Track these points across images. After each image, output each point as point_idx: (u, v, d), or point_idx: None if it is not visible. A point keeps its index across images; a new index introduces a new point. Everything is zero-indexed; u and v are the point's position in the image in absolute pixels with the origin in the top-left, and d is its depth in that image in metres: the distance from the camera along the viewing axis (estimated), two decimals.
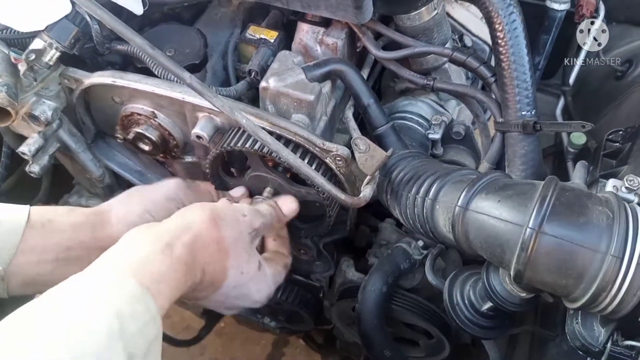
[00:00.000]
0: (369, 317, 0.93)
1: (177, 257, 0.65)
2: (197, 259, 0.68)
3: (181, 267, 0.65)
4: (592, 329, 0.67)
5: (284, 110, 0.87)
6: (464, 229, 0.68)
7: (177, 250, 0.65)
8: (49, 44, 0.83)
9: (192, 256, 0.67)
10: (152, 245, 0.65)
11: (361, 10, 0.79)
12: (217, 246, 0.72)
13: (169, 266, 0.63)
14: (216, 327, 1.92)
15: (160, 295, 0.61)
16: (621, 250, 0.57)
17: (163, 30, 0.95)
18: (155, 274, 0.62)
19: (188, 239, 0.68)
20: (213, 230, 0.72)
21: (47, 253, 0.72)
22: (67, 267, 0.73)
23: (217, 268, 0.73)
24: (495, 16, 0.77)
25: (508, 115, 0.80)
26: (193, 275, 0.68)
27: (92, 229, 0.76)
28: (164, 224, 0.70)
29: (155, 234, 0.67)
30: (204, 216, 0.72)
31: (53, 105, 0.90)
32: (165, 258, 0.64)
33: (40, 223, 0.72)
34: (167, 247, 0.65)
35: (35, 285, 0.72)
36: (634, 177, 0.66)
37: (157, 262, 0.63)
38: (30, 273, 0.71)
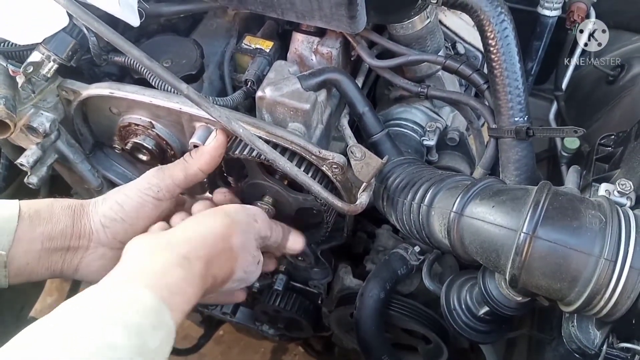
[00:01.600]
0: (366, 324, 0.93)
1: (193, 271, 0.65)
2: (209, 270, 0.69)
3: (196, 279, 0.66)
4: (588, 331, 0.68)
5: (281, 119, 0.88)
6: (459, 235, 0.69)
7: (194, 264, 0.66)
8: (46, 57, 0.84)
9: (206, 268, 0.68)
10: (168, 257, 0.65)
11: (355, 20, 0.80)
12: (228, 254, 0.73)
13: (186, 280, 0.64)
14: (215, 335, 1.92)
15: (176, 309, 0.61)
16: (614, 253, 0.58)
17: (159, 41, 0.96)
18: (173, 286, 0.62)
19: (205, 252, 0.69)
20: (227, 240, 0.73)
21: (34, 243, 0.72)
22: (50, 256, 0.74)
23: (226, 273, 0.74)
24: (486, 24, 0.78)
25: (501, 121, 0.81)
26: (204, 285, 0.69)
27: (72, 219, 0.77)
28: (176, 233, 0.71)
29: (169, 245, 0.68)
30: (221, 225, 0.73)
31: (51, 117, 0.90)
32: (183, 271, 0.64)
33: (27, 214, 0.73)
34: (184, 260, 0.65)
35: (22, 274, 0.73)
36: (626, 181, 0.67)
37: (175, 276, 0.63)
38: (21, 262, 0.72)
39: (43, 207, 0.75)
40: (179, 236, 0.71)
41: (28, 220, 0.72)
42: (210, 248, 0.70)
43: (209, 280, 0.70)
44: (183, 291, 0.63)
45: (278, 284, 1.28)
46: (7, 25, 0.82)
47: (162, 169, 0.83)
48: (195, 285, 0.66)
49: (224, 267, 0.73)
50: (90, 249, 0.77)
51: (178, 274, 0.64)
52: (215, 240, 0.71)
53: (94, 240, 0.77)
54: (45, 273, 0.75)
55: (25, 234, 0.72)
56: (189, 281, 0.64)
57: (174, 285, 0.62)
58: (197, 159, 0.83)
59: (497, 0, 0.78)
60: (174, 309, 0.60)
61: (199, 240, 0.70)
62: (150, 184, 0.80)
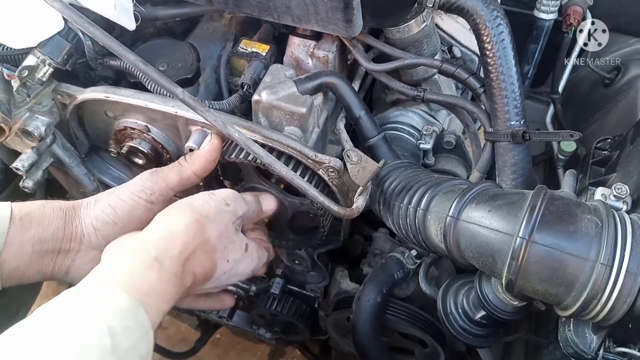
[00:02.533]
0: (363, 328, 0.93)
1: (167, 271, 0.65)
2: (186, 267, 0.69)
3: (172, 278, 0.66)
4: (585, 336, 0.68)
5: (277, 123, 0.88)
6: (456, 239, 0.69)
7: (166, 264, 0.66)
8: (42, 60, 0.84)
9: (181, 266, 0.68)
10: (140, 259, 0.65)
11: (351, 24, 0.80)
12: (204, 247, 0.72)
13: (159, 280, 0.64)
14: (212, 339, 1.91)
15: (152, 309, 0.61)
16: (610, 258, 0.58)
17: (155, 45, 0.96)
18: (146, 287, 0.62)
19: (176, 251, 0.68)
20: (199, 235, 0.72)
21: (25, 246, 0.72)
22: (42, 259, 0.74)
23: (207, 267, 0.73)
24: (482, 28, 0.78)
25: (497, 125, 0.81)
26: (184, 283, 0.68)
27: (64, 222, 0.76)
28: (148, 233, 0.71)
29: (141, 246, 0.68)
30: (188, 221, 0.72)
31: (46, 121, 0.90)
32: (156, 274, 0.64)
33: (19, 217, 0.72)
34: (155, 261, 0.65)
35: (14, 278, 0.72)
36: (622, 186, 0.67)
37: (147, 277, 0.63)
38: (11, 266, 0.71)
39: (34, 210, 0.75)
40: (150, 236, 0.70)
41: (19, 224, 0.72)
42: (183, 245, 0.69)
43: (188, 278, 0.69)
44: (158, 292, 0.63)
45: (275, 288, 1.28)
46: (2, 29, 0.82)
47: (156, 171, 0.82)
48: (171, 284, 0.65)
49: (203, 261, 0.72)
50: (81, 252, 0.77)
51: (152, 276, 0.64)
52: (186, 237, 0.70)
53: (85, 243, 0.76)
54: (37, 276, 0.74)
55: (16, 238, 0.71)
56: (163, 282, 0.64)
57: (148, 286, 0.62)
58: (191, 163, 0.83)
59: (493, 4, 0.78)
60: (150, 309, 0.60)
61: (166, 239, 0.69)
62: (144, 186, 0.79)
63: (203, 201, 0.76)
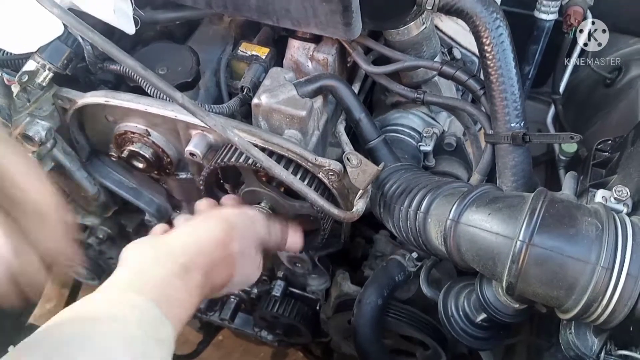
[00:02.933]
0: (364, 330, 0.93)
1: (193, 282, 0.66)
2: (209, 279, 0.69)
3: (197, 292, 0.66)
4: (586, 338, 0.68)
5: (277, 126, 0.88)
6: (456, 242, 0.69)
7: (193, 274, 0.66)
8: (41, 65, 0.84)
9: (205, 278, 0.68)
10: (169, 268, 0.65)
11: (350, 27, 0.80)
12: (227, 260, 0.73)
13: (186, 292, 0.64)
14: (214, 341, 1.91)
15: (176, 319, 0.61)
16: (611, 261, 0.58)
17: (155, 48, 0.96)
18: (173, 298, 0.62)
19: (203, 261, 0.68)
20: (226, 247, 0.73)
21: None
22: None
23: (224, 279, 0.74)
24: (482, 30, 0.78)
25: (497, 127, 0.80)
26: (203, 293, 0.69)
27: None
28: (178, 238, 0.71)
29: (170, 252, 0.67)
30: (220, 231, 0.73)
31: (47, 125, 0.90)
32: (182, 283, 0.64)
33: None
34: (184, 271, 0.65)
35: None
36: (622, 188, 0.67)
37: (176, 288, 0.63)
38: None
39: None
40: (177, 244, 0.70)
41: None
42: (209, 256, 0.70)
43: (207, 289, 0.70)
44: (182, 303, 0.64)
45: (276, 290, 1.28)
46: (2, 35, 0.82)
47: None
48: (194, 295, 0.66)
49: (222, 274, 0.73)
50: None
51: (178, 286, 0.64)
52: (213, 247, 0.71)
53: None
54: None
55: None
56: (188, 292, 0.65)
57: (173, 296, 0.62)
58: None
59: (492, 6, 0.78)
60: (174, 319, 0.60)
61: (196, 249, 0.69)
62: None
63: (234, 214, 0.78)
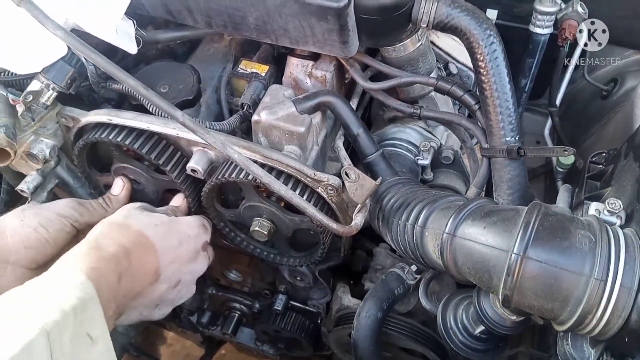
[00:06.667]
0: (364, 344, 0.93)
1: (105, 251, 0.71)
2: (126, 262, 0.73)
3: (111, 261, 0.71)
4: (582, 350, 0.69)
5: (276, 142, 0.89)
6: (452, 255, 0.69)
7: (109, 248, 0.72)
8: (46, 85, 0.86)
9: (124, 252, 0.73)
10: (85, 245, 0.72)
11: (347, 45, 0.82)
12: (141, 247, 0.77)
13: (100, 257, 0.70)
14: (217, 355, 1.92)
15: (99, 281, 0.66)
16: (604, 273, 0.59)
17: (157, 67, 0.98)
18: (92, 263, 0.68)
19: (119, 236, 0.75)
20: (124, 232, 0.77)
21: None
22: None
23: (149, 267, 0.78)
24: (476, 46, 0.80)
25: (493, 141, 0.82)
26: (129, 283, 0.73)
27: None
28: (77, 247, 0.74)
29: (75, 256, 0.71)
30: (110, 226, 0.78)
31: (51, 144, 0.92)
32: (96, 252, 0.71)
33: None
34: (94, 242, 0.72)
35: None
36: (615, 200, 0.68)
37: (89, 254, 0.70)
38: None
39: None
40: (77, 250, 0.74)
41: None
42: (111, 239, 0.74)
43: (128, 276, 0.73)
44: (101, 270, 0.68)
45: (278, 304, 1.29)
46: (7, 55, 0.84)
47: (83, 204, 0.89)
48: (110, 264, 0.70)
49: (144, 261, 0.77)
50: (8, 272, 0.78)
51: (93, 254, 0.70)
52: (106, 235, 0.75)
53: (12, 262, 0.79)
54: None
55: None
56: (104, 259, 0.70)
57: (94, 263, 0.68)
58: (113, 208, 0.92)
59: (486, 22, 0.80)
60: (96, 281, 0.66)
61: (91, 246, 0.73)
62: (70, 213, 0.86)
63: (128, 207, 0.85)
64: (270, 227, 0.93)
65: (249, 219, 0.95)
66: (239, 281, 1.39)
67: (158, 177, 0.95)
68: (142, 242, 0.78)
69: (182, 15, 0.88)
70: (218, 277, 1.41)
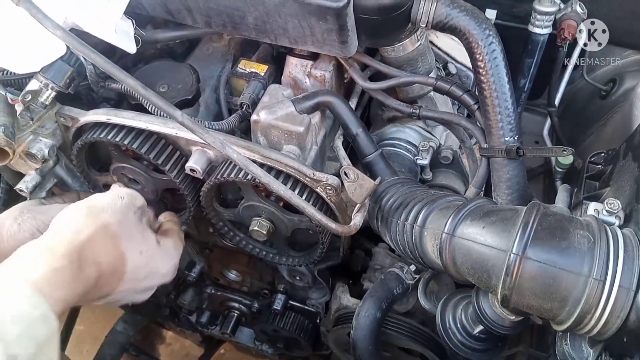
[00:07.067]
0: (363, 344, 0.93)
1: (60, 258, 0.65)
2: (84, 255, 0.68)
3: (66, 267, 0.65)
4: (581, 350, 0.69)
5: (275, 142, 0.89)
6: (451, 255, 0.70)
7: (59, 251, 0.66)
8: (44, 85, 0.86)
9: (77, 254, 0.67)
10: (33, 251, 0.66)
11: (346, 45, 0.82)
12: (104, 235, 0.72)
13: (51, 267, 0.64)
14: (216, 354, 1.92)
15: (49, 297, 0.61)
16: (603, 273, 0.59)
17: (156, 67, 0.98)
18: (39, 274, 0.62)
19: (69, 237, 0.68)
20: (94, 222, 0.72)
21: None
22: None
23: (113, 256, 0.73)
24: (475, 46, 0.80)
25: (492, 141, 0.82)
26: (84, 272, 0.68)
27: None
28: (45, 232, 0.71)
29: (36, 243, 0.68)
30: (78, 212, 0.73)
31: (49, 143, 0.92)
32: (47, 259, 0.64)
33: None
34: (48, 250, 0.66)
35: None
36: (614, 201, 0.68)
37: (40, 264, 0.63)
38: None
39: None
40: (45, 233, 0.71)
41: None
42: (73, 233, 0.69)
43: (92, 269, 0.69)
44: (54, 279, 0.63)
45: (277, 304, 1.29)
46: (6, 55, 0.84)
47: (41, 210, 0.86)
48: (66, 271, 0.65)
49: (106, 250, 0.72)
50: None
51: (43, 262, 0.64)
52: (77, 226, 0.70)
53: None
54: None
55: None
56: (55, 267, 0.64)
57: (40, 273, 0.62)
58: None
59: (485, 22, 0.80)
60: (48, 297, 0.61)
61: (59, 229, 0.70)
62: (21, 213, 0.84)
63: (96, 196, 0.78)
64: (269, 226, 0.93)
65: (248, 218, 0.95)
66: (238, 281, 1.39)
67: (157, 176, 0.95)
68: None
69: (182, 14, 0.88)
70: (217, 276, 1.41)
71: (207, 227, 1.16)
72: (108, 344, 1.71)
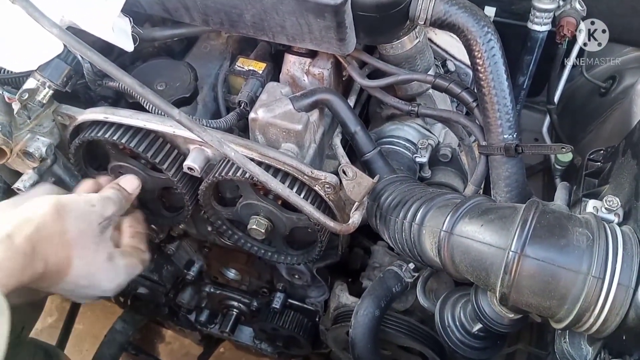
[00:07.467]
0: (362, 342, 0.93)
1: (16, 248, 0.68)
2: (37, 250, 0.70)
3: (19, 257, 0.68)
4: (580, 347, 0.69)
5: (274, 140, 0.89)
6: (450, 253, 0.69)
7: (17, 240, 0.68)
8: (42, 83, 0.86)
9: (32, 247, 0.70)
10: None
11: (345, 42, 0.81)
12: (60, 238, 0.74)
13: (6, 255, 0.67)
14: (216, 353, 1.92)
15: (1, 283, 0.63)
16: (602, 270, 0.58)
17: (154, 65, 0.97)
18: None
19: (29, 230, 0.70)
20: (57, 222, 0.74)
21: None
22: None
23: (61, 258, 0.74)
24: (474, 44, 0.79)
25: (491, 138, 0.82)
26: (33, 265, 0.70)
27: None
28: (8, 214, 0.73)
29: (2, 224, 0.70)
30: (47, 208, 0.74)
31: (47, 142, 0.92)
32: (5, 247, 0.67)
33: None
34: (7, 237, 0.68)
35: None
36: (613, 198, 0.68)
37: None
38: None
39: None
40: (10, 217, 0.72)
41: None
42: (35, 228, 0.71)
43: (40, 263, 0.71)
44: (2, 266, 0.66)
45: (276, 302, 1.29)
46: (3, 53, 0.84)
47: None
48: (17, 260, 0.68)
49: (57, 251, 0.74)
50: None
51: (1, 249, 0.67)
52: (41, 221, 0.72)
53: None
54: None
55: None
56: (9, 256, 0.67)
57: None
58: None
59: (483, 19, 0.79)
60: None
61: (22, 219, 0.71)
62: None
63: (69, 197, 0.80)
64: (267, 225, 0.93)
65: (246, 217, 0.95)
66: (236, 279, 1.39)
67: (155, 175, 0.95)
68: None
69: (179, 12, 0.88)
70: (216, 275, 1.41)
71: (205, 226, 1.16)
72: (107, 343, 1.71)
